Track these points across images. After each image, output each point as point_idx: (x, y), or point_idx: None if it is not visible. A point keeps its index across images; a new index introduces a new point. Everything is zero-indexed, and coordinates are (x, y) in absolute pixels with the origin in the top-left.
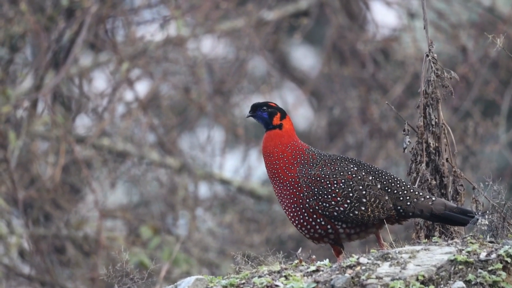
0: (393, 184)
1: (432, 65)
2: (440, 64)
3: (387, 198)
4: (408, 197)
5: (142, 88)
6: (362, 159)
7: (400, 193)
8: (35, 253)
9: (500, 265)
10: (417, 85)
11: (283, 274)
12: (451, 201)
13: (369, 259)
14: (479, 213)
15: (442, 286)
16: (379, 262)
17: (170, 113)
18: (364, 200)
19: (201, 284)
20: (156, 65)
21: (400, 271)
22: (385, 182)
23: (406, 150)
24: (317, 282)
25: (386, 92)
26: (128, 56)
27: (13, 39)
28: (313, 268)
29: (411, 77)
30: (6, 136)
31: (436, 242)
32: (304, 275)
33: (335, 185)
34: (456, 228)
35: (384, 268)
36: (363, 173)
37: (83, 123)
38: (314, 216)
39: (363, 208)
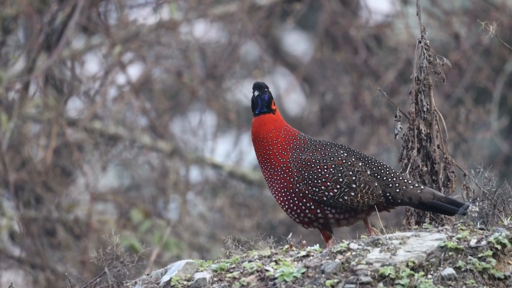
0: (382, 171)
1: (425, 51)
2: (433, 50)
3: (376, 184)
4: (397, 184)
5: (134, 71)
6: (354, 145)
7: (390, 180)
8: (26, 235)
9: (490, 252)
10: (409, 71)
11: (274, 259)
12: (442, 187)
13: (359, 244)
14: (470, 200)
15: (432, 272)
16: (369, 248)
17: (162, 97)
18: (354, 185)
19: (191, 268)
20: (148, 48)
21: (390, 257)
22: (374, 169)
23: (397, 136)
24: (307, 267)
25: (378, 78)
26: (121, 39)
27: (6, 21)
28: (303, 253)
29: (403, 63)
30: None
31: (427, 228)
32: (294, 260)
33: (325, 170)
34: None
35: (374, 254)
36: (353, 159)
37: (75, 106)
38: (304, 200)
39: (352, 194)
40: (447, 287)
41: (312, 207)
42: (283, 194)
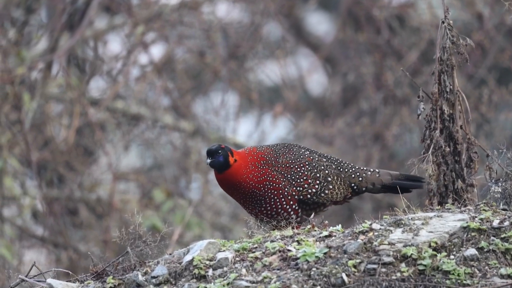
0: (342, 164)
1: (448, 32)
2: (456, 31)
3: (343, 176)
4: (358, 173)
5: (157, 51)
6: (376, 125)
7: (351, 171)
8: (48, 214)
9: None
10: (432, 51)
11: (296, 239)
12: (465, 168)
13: (381, 225)
14: (493, 181)
15: (454, 253)
16: (391, 228)
17: (184, 77)
18: (329, 179)
19: (213, 248)
20: (171, 28)
21: (413, 238)
22: (336, 163)
23: (420, 116)
24: (330, 247)
25: (401, 59)
26: (143, 19)
27: (29, 1)
28: (325, 233)
29: (426, 43)
30: (21, 97)
31: (449, 209)
32: (316, 240)
33: (303, 168)
34: (469, 195)
35: (397, 234)
36: (317, 156)
37: (97, 86)
38: (291, 202)
39: (331, 187)
40: (469, 267)
41: (296, 207)
42: (272, 202)
